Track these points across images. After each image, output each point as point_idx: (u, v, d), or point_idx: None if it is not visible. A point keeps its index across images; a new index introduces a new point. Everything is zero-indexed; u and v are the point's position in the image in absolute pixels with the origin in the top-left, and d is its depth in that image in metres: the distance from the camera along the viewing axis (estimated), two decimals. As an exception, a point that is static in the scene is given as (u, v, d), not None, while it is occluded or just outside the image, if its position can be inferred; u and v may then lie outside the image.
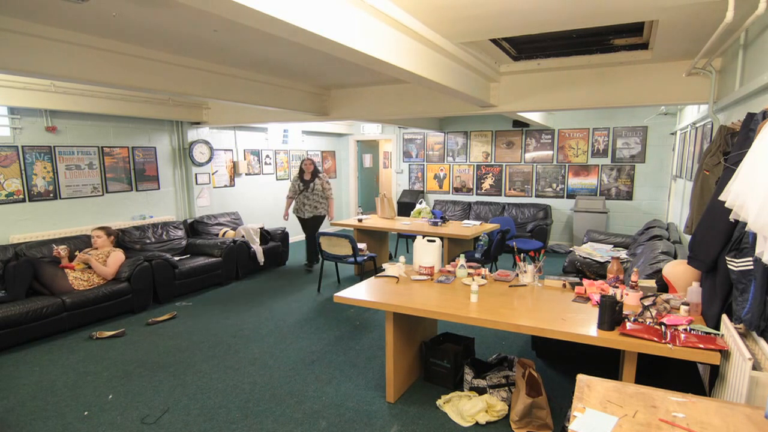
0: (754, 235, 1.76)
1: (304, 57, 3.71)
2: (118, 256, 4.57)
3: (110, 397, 3.02)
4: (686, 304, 2.37)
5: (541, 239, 6.90)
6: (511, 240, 5.90)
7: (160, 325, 4.30)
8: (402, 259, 3.49)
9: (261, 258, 6.05)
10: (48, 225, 4.86)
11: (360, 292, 2.94)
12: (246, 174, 7.31)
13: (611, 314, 2.20)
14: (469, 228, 5.52)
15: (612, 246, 5.56)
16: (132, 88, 3.50)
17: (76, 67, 3.04)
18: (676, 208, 5.84)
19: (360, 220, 6.14)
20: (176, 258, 5.28)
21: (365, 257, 5.25)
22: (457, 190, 8.72)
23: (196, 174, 6.42)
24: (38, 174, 4.75)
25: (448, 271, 3.32)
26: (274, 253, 6.36)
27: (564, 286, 2.94)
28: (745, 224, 1.75)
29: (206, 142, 6.48)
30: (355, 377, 3.26)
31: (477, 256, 5.25)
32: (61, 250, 4.36)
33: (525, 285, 3.01)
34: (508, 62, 4.04)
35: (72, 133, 5.02)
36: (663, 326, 2.17)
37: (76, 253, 4.51)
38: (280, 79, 4.61)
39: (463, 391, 2.94)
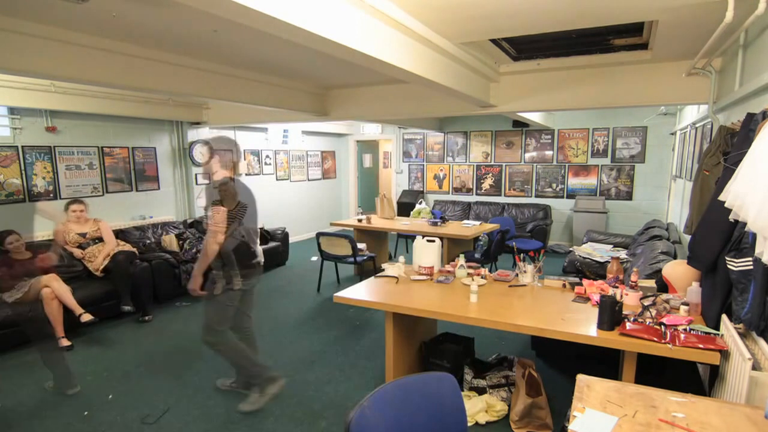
0: (754, 235, 1.76)
1: (304, 57, 3.71)
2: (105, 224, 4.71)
3: (110, 397, 3.02)
4: (686, 304, 2.37)
5: (540, 239, 6.90)
6: (511, 240, 5.89)
7: (160, 325, 4.30)
8: (402, 259, 3.49)
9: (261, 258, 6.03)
10: (48, 225, 4.83)
11: (360, 292, 2.94)
12: (246, 174, 7.29)
13: (611, 314, 2.20)
14: (469, 228, 5.52)
15: (612, 246, 5.57)
16: (132, 88, 3.50)
17: (76, 67, 3.04)
18: (676, 208, 5.84)
19: (360, 220, 6.14)
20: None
21: (365, 257, 5.25)
22: (456, 190, 8.72)
23: (196, 174, 6.41)
24: (38, 174, 4.74)
25: (448, 271, 3.32)
26: (274, 253, 6.36)
27: (564, 286, 2.94)
28: (745, 224, 1.75)
29: (206, 143, 6.47)
30: (355, 377, 3.26)
31: (477, 256, 5.24)
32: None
33: (525, 285, 3.01)
34: (508, 62, 4.04)
35: (72, 133, 5.02)
36: (663, 326, 2.17)
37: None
38: (280, 79, 4.61)
39: (462, 391, 2.94)
